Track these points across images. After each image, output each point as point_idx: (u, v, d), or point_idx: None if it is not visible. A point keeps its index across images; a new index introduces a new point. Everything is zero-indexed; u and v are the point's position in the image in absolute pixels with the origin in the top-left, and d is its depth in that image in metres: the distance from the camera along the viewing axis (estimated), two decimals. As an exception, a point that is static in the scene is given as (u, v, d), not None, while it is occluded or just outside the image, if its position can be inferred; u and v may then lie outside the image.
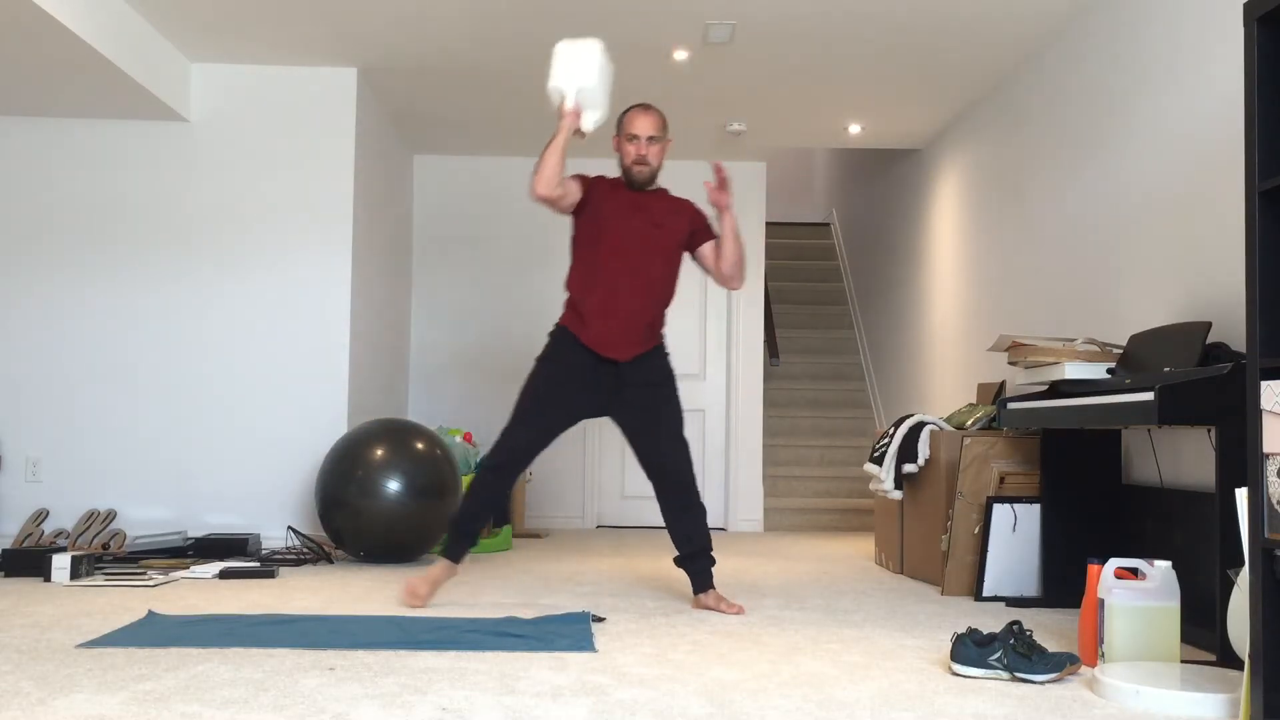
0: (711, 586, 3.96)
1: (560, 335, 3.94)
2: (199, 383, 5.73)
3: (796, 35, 5.24)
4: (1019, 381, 4.47)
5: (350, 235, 5.80)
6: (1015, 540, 4.27)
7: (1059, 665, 2.83)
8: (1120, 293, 4.40)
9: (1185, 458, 3.84)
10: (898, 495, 4.97)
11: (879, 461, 5.06)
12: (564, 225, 7.45)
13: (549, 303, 7.38)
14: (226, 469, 5.72)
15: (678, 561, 3.98)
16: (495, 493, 3.89)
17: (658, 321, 3.97)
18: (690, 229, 4.02)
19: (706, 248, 4.03)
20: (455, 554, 3.91)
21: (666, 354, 4.02)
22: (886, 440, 5.07)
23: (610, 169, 4.19)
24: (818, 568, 5.25)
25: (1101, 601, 2.99)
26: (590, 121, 3.82)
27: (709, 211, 4.03)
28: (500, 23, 5.11)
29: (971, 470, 4.40)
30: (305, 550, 5.28)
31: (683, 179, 7.44)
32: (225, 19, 5.15)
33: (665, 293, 3.97)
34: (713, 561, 3.97)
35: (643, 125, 3.90)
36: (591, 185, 3.96)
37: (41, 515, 5.47)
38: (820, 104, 6.31)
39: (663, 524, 7.26)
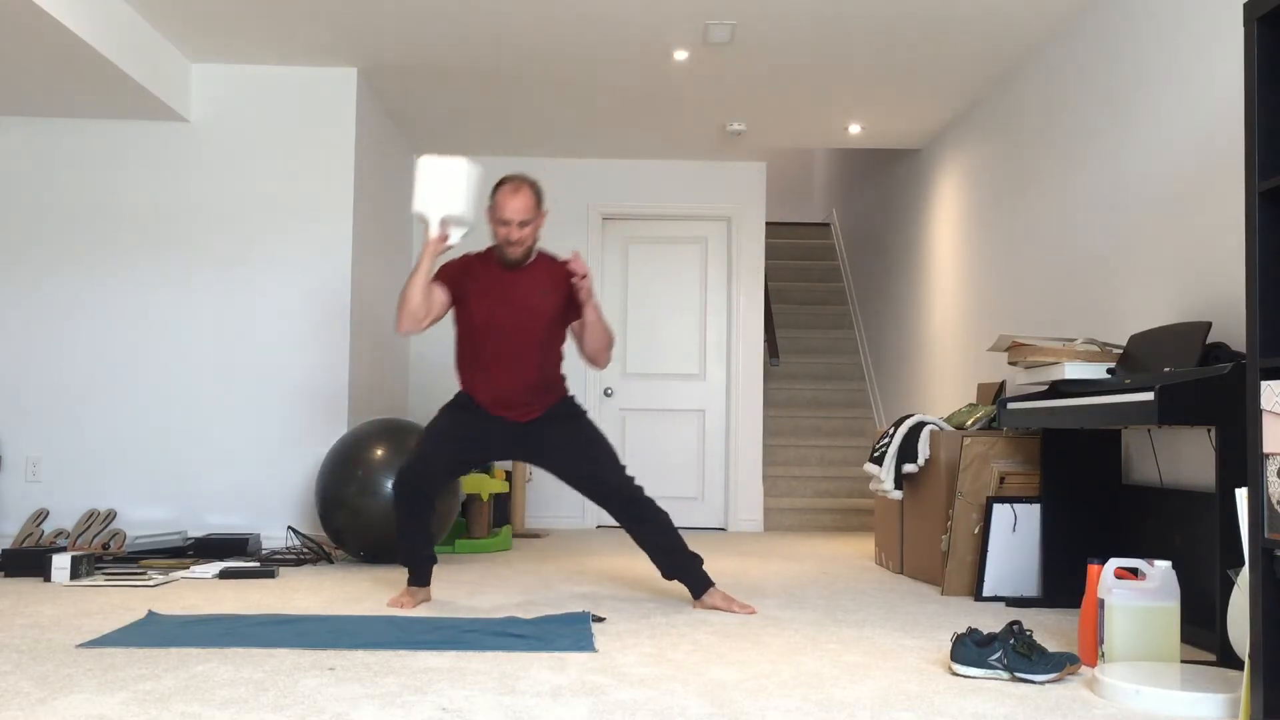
0: (712, 584, 3.95)
1: (458, 396, 3.97)
2: (199, 382, 5.73)
3: (796, 35, 5.24)
4: (1019, 381, 4.47)
5: (350, 235, 5.80)
6: (1015, 540, 4.27)
7: (1059, 665, 2.83)
8: (1120, 293, 4.40)
9: (1185, 458, 3.84)
10: (898, 495, 4.97)
11: (879, 461, 5.05)
12: (565, 225, 7.45)
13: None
14: (226, 469, 5.72)
15: (667, 576, 3.97)
16: (418, 509, 3.86)
17: (551, 380, 3.94)
18: (569, 299, 3.91)
19: (576, 324, 3.94)
20: (421, 579, 3.93)
21: (570, 398, 4.01)
22: (886, 440, 5.07)
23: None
24: (818, 568, 5.25)
25: (1101, 601, 2.99)
26: (456, 236, 3.82)
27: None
28: (500, 23, 5.11)
29: (971, 470, 4.40)
30: (305, 550, 5.28)
31: (683, 179, 7.49)
32: (225, 19, 5.15)
33: (551, 358, 3.93)
34: (699, 559, 3.96)
35: (513, 209, 3.78)
36: (458, 276, 3.88)
37: (41, 515, 5.47)
38: (820, 104, 6.31)
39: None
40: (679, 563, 3.94)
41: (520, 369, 3.86)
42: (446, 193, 3.77)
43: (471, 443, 3.91)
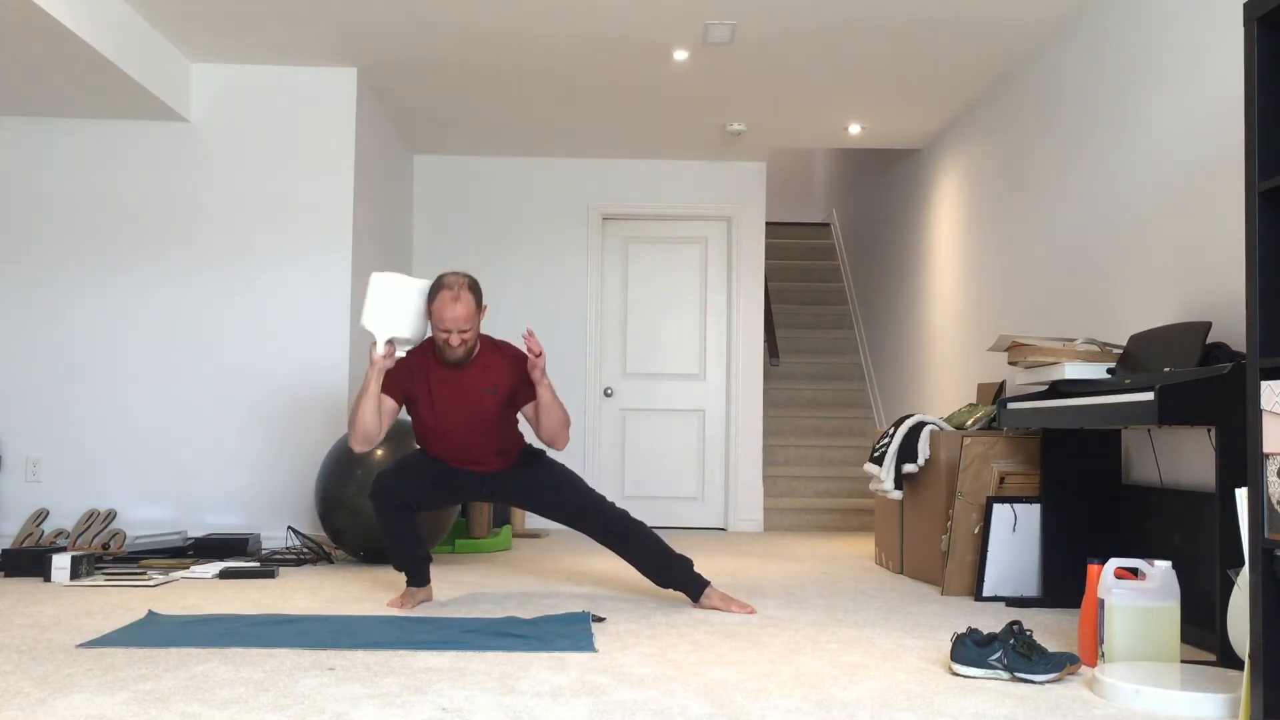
0: (707, 583, 3.95)
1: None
2: (199, 382, 5.73)
3: (796, 35, 5.24)
4: (1019, 381, 4.47)
5: (350, 235, 5.80)
6: (1015, 540, 4.27)
7: (1059, 665, 2.83)
8: (1120, 293, 4.40)
9: (1185, 458, 3.84)
10: (898, 495, 4.97)
11: (879, 461, 5.05)
12: (565, 225, 7.45)
13: (549, 302, 7.39)
14: (226, 469, 5.72)
15: (662, 585, 3.98)
16: (400, 514, 3.87)
17: (509, 447, 3.97)
18: (517, 384, 3.90)
19: (530, 408, 3.92)
20: (419, 579, 3.94)
21: (528, 447, 4.04)
22: (886, 440, 5.07)
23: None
24: (818, 568, 5.25)
25: (1101, 601, 2.99)
26: (402, 351, 3.86)
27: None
28: (500, 23, 5.11)
29: (971, 470, 4.40)
30: (305, 550, 5.28)
31: (683, 178, 7.48)
32: (225, 19, 5.15)
33: (508, 434, 3.95)
34: (689, 561, 3.96)
35: (452, 319, 3.73)
36: (403, 382, 3.87)
37: (41, 515, 5.47)
38: (820, 104, 6.31)
39: (662, 524, 7.29)
40: (670, 571, 3.96)
41: (477, 453, 3.92)
42: (396, 310, 3.81)
43: (443, 483, 3.96)
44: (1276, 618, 2.26)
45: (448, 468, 3.97)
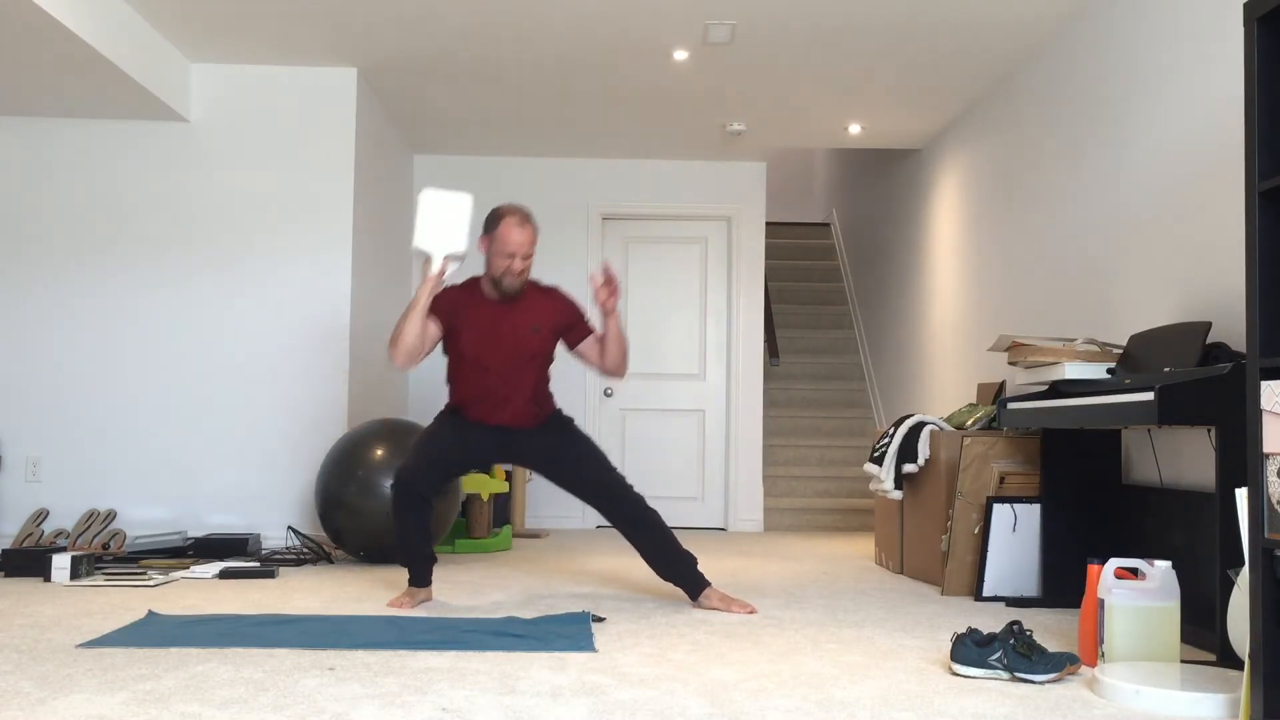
0: (709, 584, 3.95)
1: (451, 409, 4.00)
2: (199, 382, 5.73)
3: (796, 35, 5.24)
4: (1019, 381, 4.47)
5: (350, 235, 5.80)
6: (1015, 540, 4.27)
7: (1059, 665, 2.83)
8: (1120, 293, 4.40)
9: (1185, 458, 3.84)
10: (898, 495, 4.97)
11: (879, 461, 5.05)
12: (565, 225, 7.44)
13: (549, 303, 7.39)
14: (226, 469, 5.72)
15: (665, 578, 3.98)
16: (416, 510, 3.86)
17: (541, 399, 3.98)
18: (564, 326, 3.96)
19: (586, 345, 3.98)
20: (421, 580, 3.92)
21: (559, 411, 4.05)
22: (886, 440, 5.07)
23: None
24: (818, 568, 5.25)
25: (1101, 601, 2.99)
26: (454, 266, 3.85)
27: (584, 302, 3.98)
28: (500, 23, 5.11)
29: (971, 470, 4.40)
30: (305, 550, 5.28)
31: (683, 178, 7.48)
32: (225, 19, 5.15)
33: (542, 383, 3.97)
34: (694, 559, 3.97)
35: (518, 243, 3.77)
36: (450, 310, 3.88)
37: (41, 515, 5.47)
38: (820, 104, 6.31)
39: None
40: (675, 565, 3.95)
41: (511, 396, 3.90)
42: (449, 227, 3.79)
43: (466, 448, 3.94)
44: (1276, 618, 2.26)
45: (472, 433, 3.91)
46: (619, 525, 3.95)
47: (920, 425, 4.88)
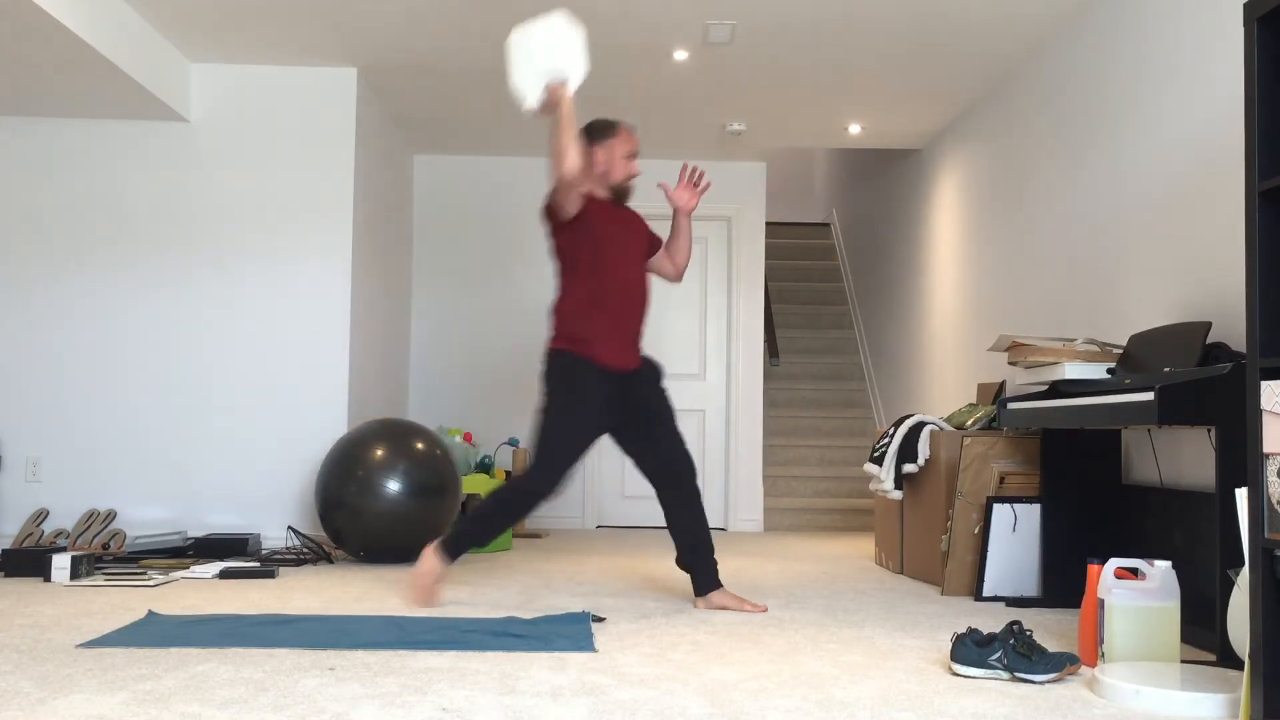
0: (720, 585, 3.96)
1: (574, 366, 3.81)
2: (199, 383, 5.73)
3: (796, 35, 5.24)
4: (1019, 381, 4.47)
5: (350, 235, 5.80)
6: (1015, 540, 4.27)
7: (1059, 665, 2.83)
8: (1120, 293, 4.40)
9: (1185, 458, 3.84)
10: (898, 495, 4.97)
11: (879, 461, 5.06)
12: (564, 225, 7.44)
13: (548, 303, 7.38)
14: (226, 469, 5.72)
15: (683, 562, 3.97)
16: (525, 515, 3.85)
17: (642, 327, 4.06)
18: (651, 236, 4.13)
19: (659, 253, 4.16)
20: (454, 554, 3.89)
21: (652, 359, 4.10)
22: (886, 440, 5.07)
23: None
24: (818, 568, 5.25)
25: (1101, 601, 2.99)
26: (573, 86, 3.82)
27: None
28: (500, 23, 5.11)
29: (971, 470, 4.40)
30: (305, 550, 5.28)
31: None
32: (225, 19, 5.15)
33: (649, 298, 4.11)
34: (716, 560, 3.98)
35: (637, 145, 4.05)
36: (584, 201, 3.89)
37: (41, 515, 5.47)
38: (820, 104, 6.31)
39: (663, 524, 7.29)
40: (697, 551, 3.94)
41: (635, 306, 3.91)
42: (570, 50, 3.73)
43: (603, 426, 3.87)
44: (1276, 618, 2.26)
45: (605, 399, 3.82)
46: (676, 503, 3.93)
47: (920, 425, 4.88)
